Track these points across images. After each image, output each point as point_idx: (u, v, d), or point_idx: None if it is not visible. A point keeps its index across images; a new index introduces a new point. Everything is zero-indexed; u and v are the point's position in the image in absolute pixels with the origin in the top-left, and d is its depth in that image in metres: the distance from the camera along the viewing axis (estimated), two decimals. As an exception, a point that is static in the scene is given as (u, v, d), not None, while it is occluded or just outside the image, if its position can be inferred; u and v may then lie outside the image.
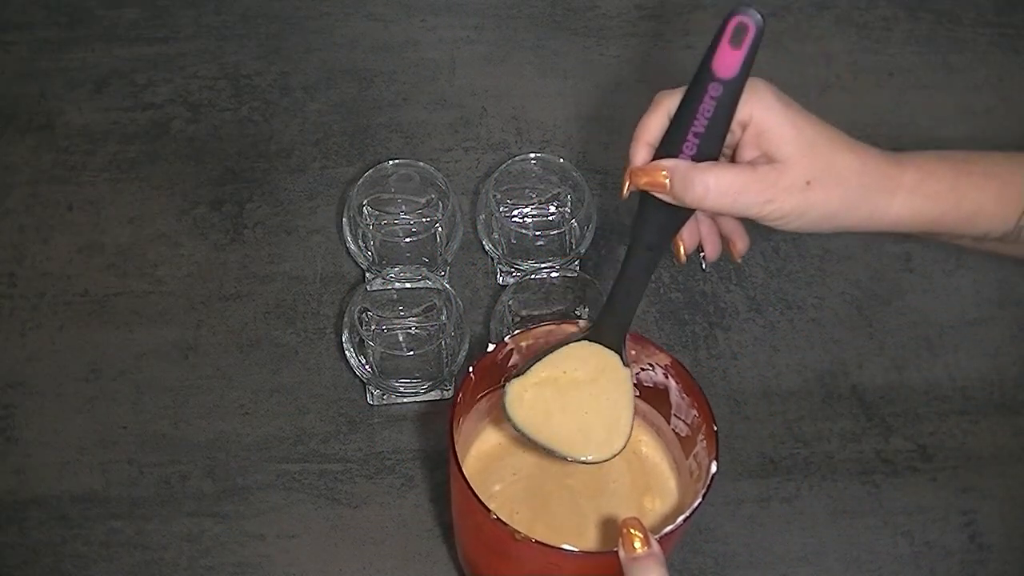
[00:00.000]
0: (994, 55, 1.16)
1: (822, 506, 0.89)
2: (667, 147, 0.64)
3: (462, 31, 1.14)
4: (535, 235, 0.96)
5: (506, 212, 0.96)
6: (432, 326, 0.91)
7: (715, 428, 0.70)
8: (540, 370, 0.71)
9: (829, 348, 0.96)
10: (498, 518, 0.65)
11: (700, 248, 0.71)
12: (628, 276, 0.68)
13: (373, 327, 0.91)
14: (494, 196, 0.94)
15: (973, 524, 0.88)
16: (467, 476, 0.68)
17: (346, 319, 0.88)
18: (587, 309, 0.92)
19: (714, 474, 0.69)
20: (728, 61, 0.62)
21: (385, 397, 0.91)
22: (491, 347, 0.72)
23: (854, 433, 0.92)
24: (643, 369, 0.75)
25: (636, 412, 0.76)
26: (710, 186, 0.62)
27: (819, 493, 0.89)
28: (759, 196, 0.63)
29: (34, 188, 1.01)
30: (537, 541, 0.64)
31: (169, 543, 0.84)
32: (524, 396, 0.70)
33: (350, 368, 0.89)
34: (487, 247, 0.96)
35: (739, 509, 0.88)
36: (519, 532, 0.64)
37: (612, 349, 0.70)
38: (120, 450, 0.88)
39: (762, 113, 0.63)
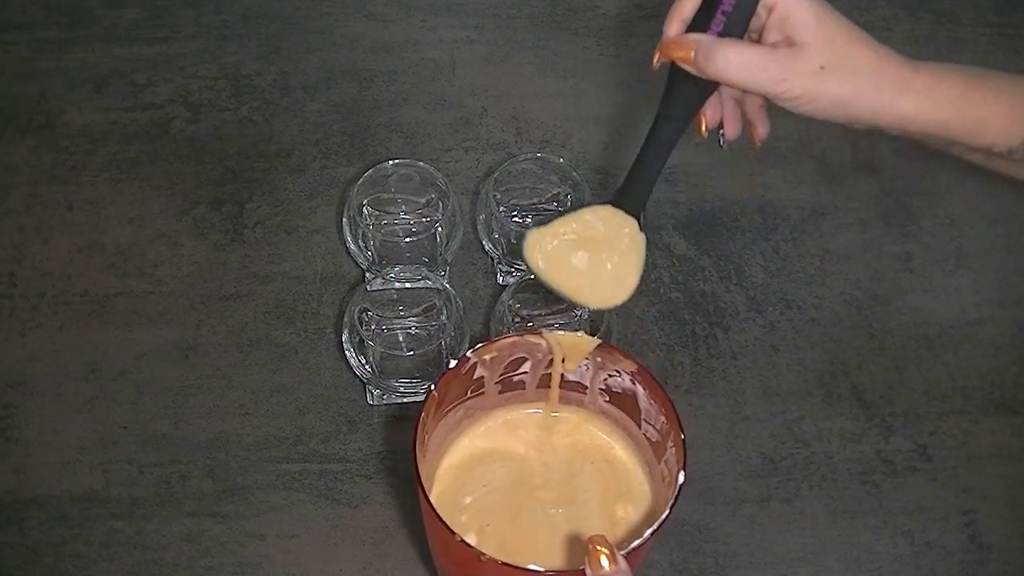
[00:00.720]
0: (994, 55, 1.16)
1: (822, 506, 0.88)
2: (697, 23, 0.69)
3: (462, 31, 1.14)
4: (535, 235, 0.95)
5: (506, 212, 0.96)
6: (432, 326, 0.91)
7: (683, 436, 0.70)
8: (561, 224, 0.73)
9: (829, 348, 0.96)
10: (463, 540, 0.65)
11: (721, 126, 0.74)
12: (651, 146, 0.71)
13: (373, 327, 0.91)
14: (494, 196, 0.94)
15: (973, 524, 0.88)
16: (439, 488, 0.70)
17: (346, 319, 0.88)
18: (587, 309, 0.92)
19: (682, 484, 0.68)
20: None
21: (385, 397, 0.91)
22: (453, 363, 0.73)
23: (854, 433, 0.92)
24: (610, 375, 0.76)
25: (608, 417, 0.77)
26: (730, 60, 0.66)
27: (819, 493, 0.89)
28: (775, 75, 0.66)
29: (34, 188, 1.01)
30: (503, 563, 0.64)
31: (169, 543, 0.84)
32: (542, 243, 0.73)
33: (350, 368, 0.89)
34: (487, 247, 0.96)
35: (739, 509, 0.88)
36: (484, 554, 0.64)
37: (632, 215, 0.73)
38: (120, 450, 0.88)
39: None
